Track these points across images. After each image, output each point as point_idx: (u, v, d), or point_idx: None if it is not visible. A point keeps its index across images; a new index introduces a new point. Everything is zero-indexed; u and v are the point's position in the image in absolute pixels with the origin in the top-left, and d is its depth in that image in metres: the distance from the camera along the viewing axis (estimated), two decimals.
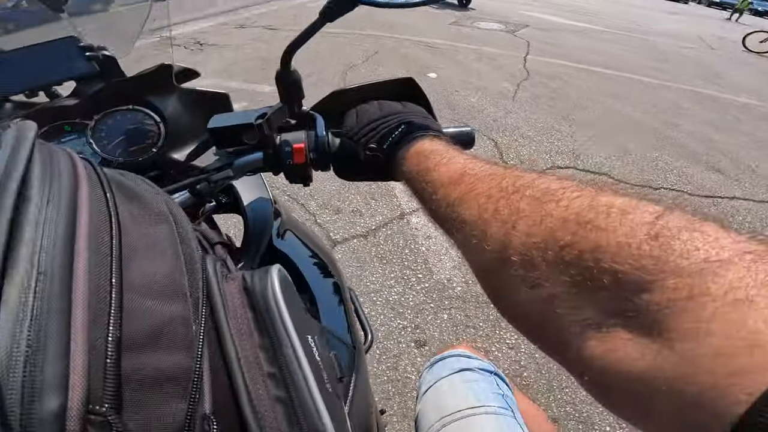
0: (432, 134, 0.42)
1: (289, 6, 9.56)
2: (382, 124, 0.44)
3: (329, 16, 0.47)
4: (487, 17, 8.38)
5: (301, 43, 0.49)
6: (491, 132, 3.22)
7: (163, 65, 0.64)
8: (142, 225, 0.26)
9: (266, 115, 0.48)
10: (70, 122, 0.61)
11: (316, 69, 4.44)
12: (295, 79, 0.50)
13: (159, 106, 0.65)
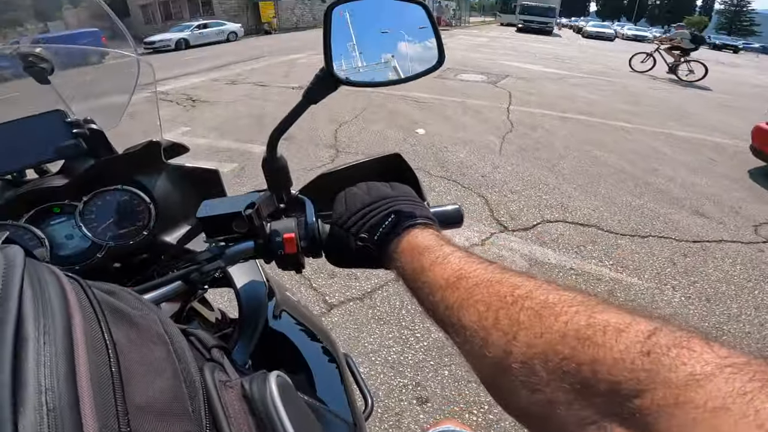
0: (422, 223, 0.42)
1: (279, 62, 10.10)
2: (371, 212, 0.44)
3: (312, 98, 0.49)
4: (469, 69, 8.86)
5: (286, 127, 0.50)
6: (481, 188, 3.30)
7: (152, 142, 0.64)
8: (139, 348, 0.26)
9: (255, 204, 0.48)
10: (59, 204, 0.60)
11: (307, 128, 4.60)
12: (282, 165, 0.51)
13: (148, 186, 0.64)
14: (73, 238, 0.61)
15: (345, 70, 0.51)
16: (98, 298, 0.27)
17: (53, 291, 0.25)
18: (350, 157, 3.84)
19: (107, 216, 0.62)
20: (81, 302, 0.26)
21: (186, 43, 16.05)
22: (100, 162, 0.62)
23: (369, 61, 0.56)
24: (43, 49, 0.72)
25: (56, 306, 0.24)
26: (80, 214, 0.61)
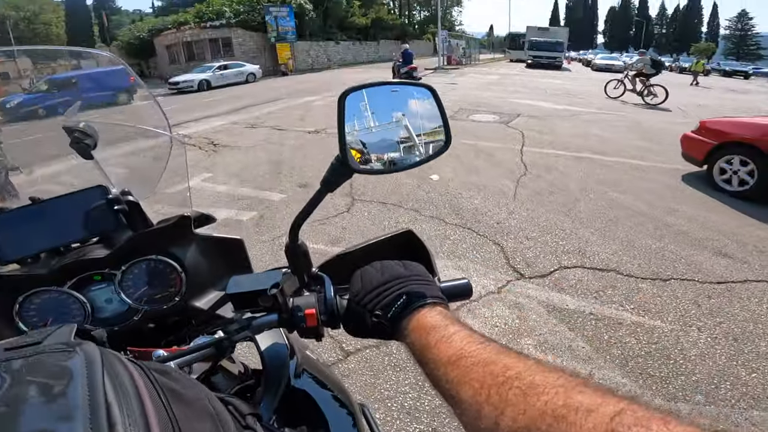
0: (431, 302, 0.47)
1: (295, 105, 10.51)
2: (384, 291, 0.49)
3: (329, 187, 0.55)
4: (481, 109, 9.05)
5: (306, 216, 0.56)
6: (496, 236, 3.31)
7: (183, 217, 0.71)
8: (192, 423, 0.32)
9: (279, 285, 0.53)
10: (100, 272, 0.68)
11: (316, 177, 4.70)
12: (304, 251, 0.57)
13: (180, 255, 0.71)
14: (112, 302, 0.69)
15: (358, 158, 0.57)
16: (159, 382, 0.34)
17: (126, 379, 0.31)
18: (366, 205, 3.91)
19: (143, 283, 0.69)
20: (147, 387, 0.32)
21: (207, 84, 16.93)
22: (137, 236, 0.69)
23: (380, 148, 0.61)
24: (86, 125, 0.82)
25: (131, 392, 0.30)
26: (119, 281, 0.68)
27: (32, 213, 0.67)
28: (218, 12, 25.25)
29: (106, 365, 0.32)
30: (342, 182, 0.54)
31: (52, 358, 0.36)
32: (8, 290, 0.64)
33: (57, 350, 0.37)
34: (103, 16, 41.39)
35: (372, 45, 33.79)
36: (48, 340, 0.40)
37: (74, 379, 0.32)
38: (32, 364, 0.35)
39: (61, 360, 0.35)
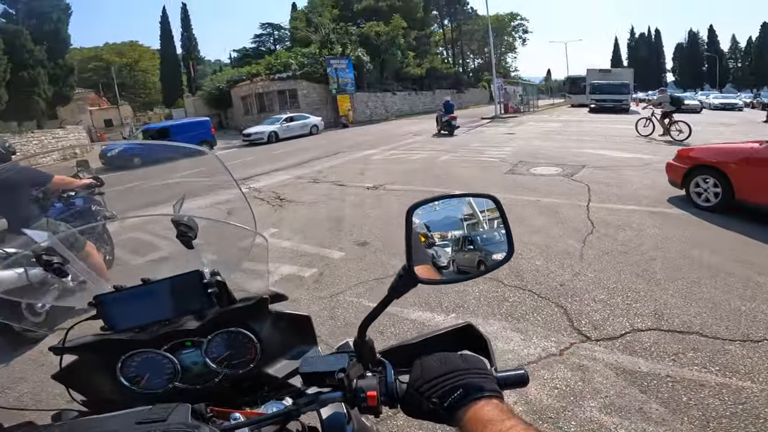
0: (487, 395, 0.50)
1: (355, 159, 11.06)
2: (442, 382, 0.53)
3: (396, 294, 0.62)
4: (542, 161, 8.84)
5: (374, 317, 0.63)
6: (559, 298, 3.17)
7: (262, 299, 0.82)
8: None
9: (346, 370, 0.60)
10: (191, 339, 0.80)
11: (380, 235, 4.84)
12: (370, 346, 0.64)
13: (257, 329, 0.82)
14: (197, 364, 0.80)
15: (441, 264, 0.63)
16: None
17: None
18: None
19: (224, 350, 0.81)
20: None
21: (276, 136, 18.50)
22: (223, 311, 0.81)
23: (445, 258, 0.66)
24: (190, 218, 0.98)
25: None
26: (205, 348, 0.80)
27: (142, 292, 0.80)
28: (285, 64, 27.64)
29: None
30: (408, 290, 0.61)
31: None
32: (115, 350, 0.78)
33: (181, 430, 0.45)
34: (190, 66, 43.62)
35: (427, 94, 35.04)
36: (171, 418, 0.48)
37: None
38: None
39: None
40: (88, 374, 0.80)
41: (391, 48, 30.97)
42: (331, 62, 26.32)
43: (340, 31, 29.09)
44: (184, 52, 46.17)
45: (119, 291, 0.81)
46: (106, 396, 0.80)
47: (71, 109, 26.59)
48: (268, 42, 43.95)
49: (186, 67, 43.80)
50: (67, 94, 23.86)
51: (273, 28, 44.04)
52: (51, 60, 22.08)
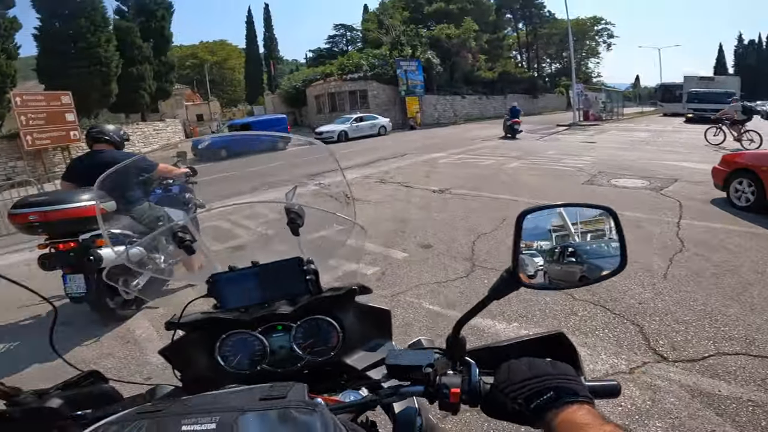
0: (580, 400, 0.50)
1: (422, 161, 11.08)
2: (530, 384, 0.53)
3: (497, 295, 0.63)
4: (626, 172, 8.21)
5: (471, 316, 0.64)
6: (636, 316, 2.98)
7: (351, 290, 0.86)
8: None
9: (434, 366, 0.62)
10: (282, 324, 0.85)
11: (445, 238, 4.84)
12: (463, 344, 0.66)
13: (341, 318, 0.85)
14: (284, 348, 0.84)
15: (529, 273, 0.62)
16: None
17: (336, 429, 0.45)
18: (487, 272, 3.86)
19: (310, 337, 0.84)
20: None
21: (345, 135, 19.14)
22: (315, 299, 0.85)
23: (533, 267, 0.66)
24: (300, 207, 1.04)
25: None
26: (294, 333, 0.84)
27: (252, 273, 0.86)
28: (357, 65, 28.35)
29: (335, 426, 0.45)
30: (508, 293, 0.62)
31: (297, 413, 0.47)
32: (218, 329, 0.83)
33: (301, 407, 0.49)
34: (270, 65, 45.39)
35: (498, 99, 34.01)
36: (290, 395, 0.52)
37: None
38: (283, 416, 0.47)
39: (305, 416, 0.47)
40: (190, 351, 0.85)
41: (461, 51, 30.55)
42: (401, 64, 26.57)
43: (410, 33, 29.25)
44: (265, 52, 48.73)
45: (233, 271, 0.87)
46: (201, 373, 0.84)
47: (170, 103, 29.12)
48: (341, 43, 45.33)
49: (267, 65, 46.23)
50: (167, 89, 25.46)
51: (346, 29, 45.26)
52: (156, 57, 23.49)
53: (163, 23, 24.81)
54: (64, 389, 0.65)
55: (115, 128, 3.78)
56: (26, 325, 3.62)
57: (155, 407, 0.52)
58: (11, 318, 3.59)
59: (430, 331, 2.95)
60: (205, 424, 0.46)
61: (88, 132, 3.72)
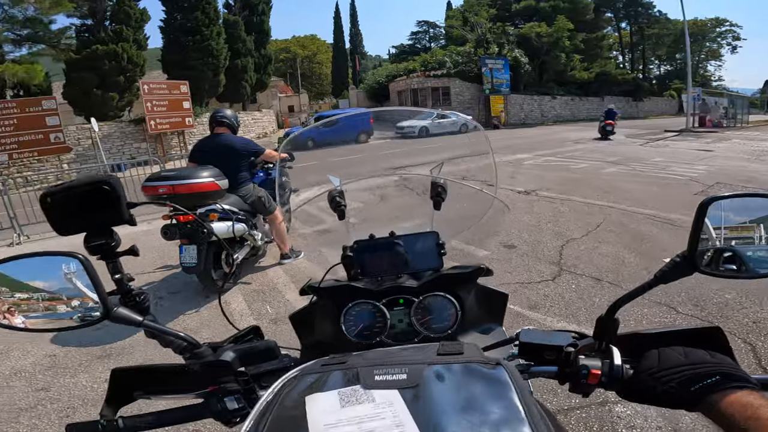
0: (749, 387, 0.48)
1: (506, 162, 10.69)
2: (688, 369, 0.52)
3: (664, 280, 0.59)
4: (750, 185, 7.14)
5: (630, 298, 0.61)
6: (749, 335, 2.71)
7: (479, 269, 0.86)
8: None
9: (578, 346, 0.61)
10: (405, 297, 0.85)
11: (531, 240, 4.67)
12: (616, 326, 0.63)
13: (462, 297, 0.85)
14: (402, 323, 0.85)
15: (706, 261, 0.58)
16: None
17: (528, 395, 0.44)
18: (575, 277, 3.68)
19: (428, 313, 0.85)
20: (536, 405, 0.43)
21: (426, 131, 19.15)
22: (441, 275, 0.87)
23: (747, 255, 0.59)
24: (446, 181, 1.05)
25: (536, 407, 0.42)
26: (414, 308, 0.84)
27: (390, 244, 0.89)
28: (440, 62, 28.21)
29: (520, 380, 0.46)
30: (677, 278, 0.59)
31: (482, 367, 0.48)
32: (346, 298, 0.85)
33: (483, 362, 0.49)
34: (355, 60, 46.29)
35: (594, 101, 31.47)
36: (467, 352, 0.52)
37: (508, 390, 0.44)
38: (468, 369, 0.48)
39: (490, 370, 0.48)
40: (316, 318, 0.88)
41: (553, 50, 28.76)
42: (487, 62, 25.86)
43: (497, 31, 28.39)
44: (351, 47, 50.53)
45: (372, 240, 0.90)
46: (321, 340, 0.86)
47: (266, 95, 31.06)
48: (423, 39, 45.29)
49: (352, 60, 47.78)
50: (265, 81, 26.59)
51: (429, 26, 45.07)
52: (256, 50, 24.63)
53: (263, 17, 26.10)
54: (234, 343, 0.70)
55: (233, 114, 4.08)
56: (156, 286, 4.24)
57: (336, 360, 0.55)
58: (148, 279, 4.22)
59: (509, 331, 2.89)
60: (396, 374, 0.49)
61: (213, 116, 4.00)
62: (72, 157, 14.87)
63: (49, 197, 0.61)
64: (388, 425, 0.41)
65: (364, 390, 0.47)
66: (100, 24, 17.23)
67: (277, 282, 3.94)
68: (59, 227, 0.63)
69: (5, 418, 2.44)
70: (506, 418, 0.41)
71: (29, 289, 0.63)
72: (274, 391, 0.51)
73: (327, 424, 0.42)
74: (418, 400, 0.44)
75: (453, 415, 0.42)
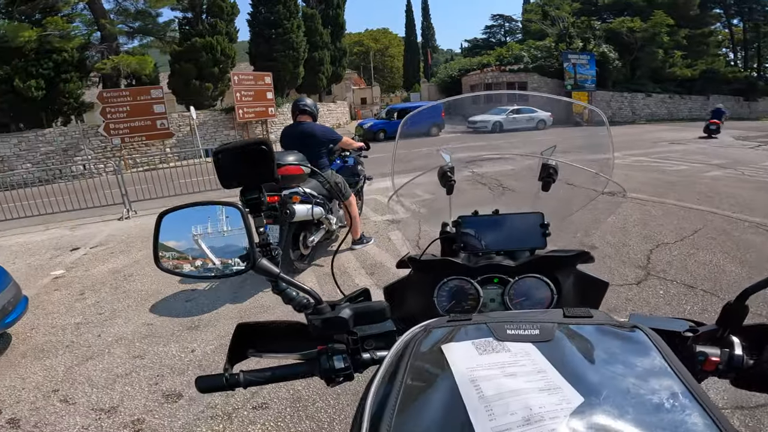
0: None
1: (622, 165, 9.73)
2: None
3: None
4: None
5: (762, 287, 0.57)
6: None
7: (583, 252, 0.84)
8: None
9: (698, 331, 0.60)
10: (499, 276, 0.84)
11: (615, 242, 4.44)
12: (743, 314, 0.59)
13: (560, 281, 0.83)
14: (494, 302, 0.84)
15: None
16: None
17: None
18: (664, 283, 3.48)
19: (523, 294, 0.84)
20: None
21: (500, 126, 18.57)
22: (539, 258, 0.85)
23: None
24: (558, 163, 1.01)
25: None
26: (509, 288, 0.83)
27: (494, 221, 0.90)
28: (517, 56, 27.26)
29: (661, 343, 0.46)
30: None
31: (618, 330, 0.49)
32: (442, 273, 0.84)
33: (617, 325, 0.50)
34: (428, 54, 46.61)
35: (697, 99, 28.26)
36: (597, 316, 0.52)
37: (649, 349, 0.45)
38: (601, 330, 0.48)
39: (628, 333, 0.48)
40: (409, 291, 0.89)
41: (648, 45, 26.26)
42: (569, 57, 24.54)
43: (581, 26, 26.73)
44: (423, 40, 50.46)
45: (477, 216, 0.91)
46: (413, 313, 0.85)
47: (341, 87, 32.08)
48: (498, 33, 43.72)
49: (423, 54, 47.79)
50: (340, 73, 27.33)
51: (504, 20, 43.42)
52: (332, 42, 25.24)
53: (338, 11, 26.74)
54: (349, 302, 0.72)
55: (313, 102, 4.28)
56: None
57: (461, 317, 0.56)
58: None
59: None
60: (527, 330, 0.50)
61: (295, 104, 4.19)
62: (173, 142, 16.62)
63: (219, 154, 0.69)
64: (528, 371, 0.43)
65: (498, 341, 0.49)
66: (198, 17, 18.77)
67: (348, 266, 4.14)
68: (224, 180, 0.70)
69: (102, 384, 2.60)
70: (652, 372, 0.41)
71: (190, 238, 0.68)
72: (404, 341, 0.53)
73: (469, 368, 0.44)
74: (553, 353, 0.46)
75: (593, 367, 0.43)
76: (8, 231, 6.97)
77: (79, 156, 15.08)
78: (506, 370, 0.43)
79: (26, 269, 4.99)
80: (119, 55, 16.95)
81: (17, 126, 15.44)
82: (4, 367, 2.89)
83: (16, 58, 14.26)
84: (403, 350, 0.50)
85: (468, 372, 0.43)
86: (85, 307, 3.75)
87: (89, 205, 7.45)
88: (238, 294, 3.70)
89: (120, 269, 4.68)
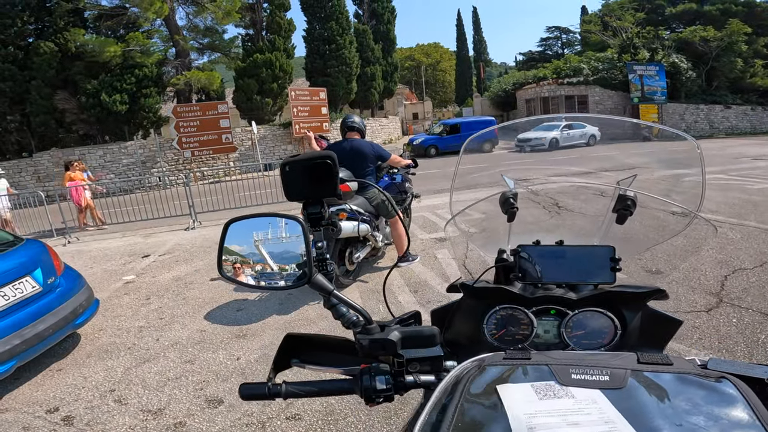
0: None
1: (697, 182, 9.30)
2: None
3: None
4: None
5: None
6: None
7: (658, 290, 0.79)
8: None
9: None
10: (557, 309, 0.81)
11: (685, 267, 4.25)
12: None
13: (626, 317, 0.79)
14: (548, 333, 0.81)
15: None
16: None
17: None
18: (737, 311, 3.28)
19: (581, 327, 0.80)
20: None
21: (557, 143, 18.08)
22: (608, 293, 0.81)
23: None
24: (636, 194, 0.93)
25: None
26: (567, 321, 0.80)
27: (558, 252, 0.86)
28: (576, 69, 26.27)
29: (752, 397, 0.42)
30: None
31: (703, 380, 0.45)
32: (496, 300, 0.82)
33: (701, 375, 0.46)
34: (480, 68, 46.29)
35: None
36: (677, 364, 0.49)
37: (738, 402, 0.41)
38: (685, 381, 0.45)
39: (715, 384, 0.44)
40: (458, 316, 0.87)
41: (725, 55, 24.46)
42: (635, 68, 23.27)
43: (647, 36, 25.44)
44: (475, 54, 50.36)
45: (538, 246, 0.87)
46: (458, 339, 0.84)
47: (392, 102, 32.77)
48: (555, 45, 42.61)
49: (476, 68, 47.62)
50: (392, 88, 28.09)
51: (560, 32, 42.24)
52: (383, 58, 26.07)
53: (389, 26, 27.47)
54: (399, 324, 0.71)
55: (360, 120, 4.37)
56: None
57: (519, 355, 0.55)
58: None
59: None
60: (596, 375, 0.48)
61: (344, 122, 4.30)
62: (236, 156, 17.80)
63: (287, 166, 0.71)
64: (594, 420, 0.40)
65: (561, 386, 0.47)
66: (258, 33, 20.07)
67: (392, 283, 4.21)
68: (289, 193, 0.72)
69: (154, 386, 2.72)
70: (739, 427, 0.38)
71: (252, 244, 0.71)
72: (455, 376, 0.52)
73: (527, 414, 0.42)
74: (625, 403, 0.43)
75: (672, 421, 0.40)
76: (88, 237, 7.86)
77: (155, 168, 16.63)
78: (568, 418, 0.41)
79: (102, 273, 5.56)
80: (191, 70, 18.53)
81: (102, 138, 17.37)
82: (70, 366, 3.19)
83: (102, 73, 16.05)
84: (454, 386, 0.49)
85: (526, 418, 0.41)
86: (149, 312, 4.10)
87: (161, 215, 8.23)
88: (284, 305, 3.91)
89: (182, 277, 5.10)
